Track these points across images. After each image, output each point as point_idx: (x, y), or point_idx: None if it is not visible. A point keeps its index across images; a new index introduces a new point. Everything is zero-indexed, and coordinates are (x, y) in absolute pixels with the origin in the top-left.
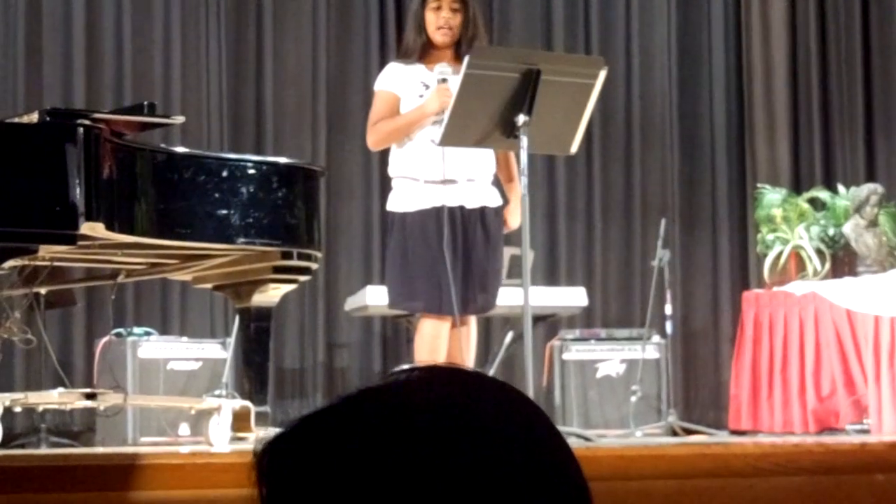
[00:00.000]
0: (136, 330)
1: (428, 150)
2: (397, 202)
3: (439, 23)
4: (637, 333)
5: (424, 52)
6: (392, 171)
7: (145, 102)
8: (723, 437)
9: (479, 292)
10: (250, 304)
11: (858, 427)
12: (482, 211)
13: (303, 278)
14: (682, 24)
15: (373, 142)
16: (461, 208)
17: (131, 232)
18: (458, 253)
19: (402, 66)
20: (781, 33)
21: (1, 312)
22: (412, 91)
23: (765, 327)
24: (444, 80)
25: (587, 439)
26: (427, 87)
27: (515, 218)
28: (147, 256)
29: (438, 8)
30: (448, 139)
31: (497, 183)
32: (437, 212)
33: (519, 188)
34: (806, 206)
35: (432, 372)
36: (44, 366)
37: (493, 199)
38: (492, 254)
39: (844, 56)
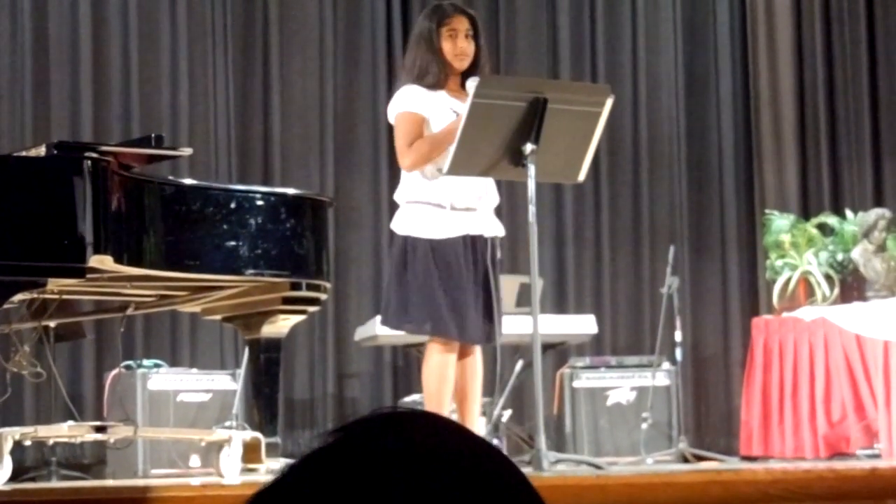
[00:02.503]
0: (146, 362)
1: (455, 177)
2: (421, 228)
3: (457, 51)
4: (647, 360)
5: (445, 80)
6: (408, 196)
7: (153, 134)
8: (734, 463)
9: (495, 321)
10: (260, 336)
11: (869, 452)
12: (495, 241)
13: (312, 309)
14: (689, 50)
15: (411, 162)
16: (480, 237)
17: (140, 264)
18: (480, 281)
19: (425, 90)
20: (788, 59)
21: (10, 346)
22: (443, 116)
23: (775, 353)
24: None
25: (598, 467)
26: (457, 113)
27: None
28: (156, 288)
29: (454, 36)
30: (455, 168)
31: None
32: (463, 240)
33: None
34: (814, 231)
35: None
36: (54, 399)
37: (500, 229)
38: (498, 284)
39: (851, 81)
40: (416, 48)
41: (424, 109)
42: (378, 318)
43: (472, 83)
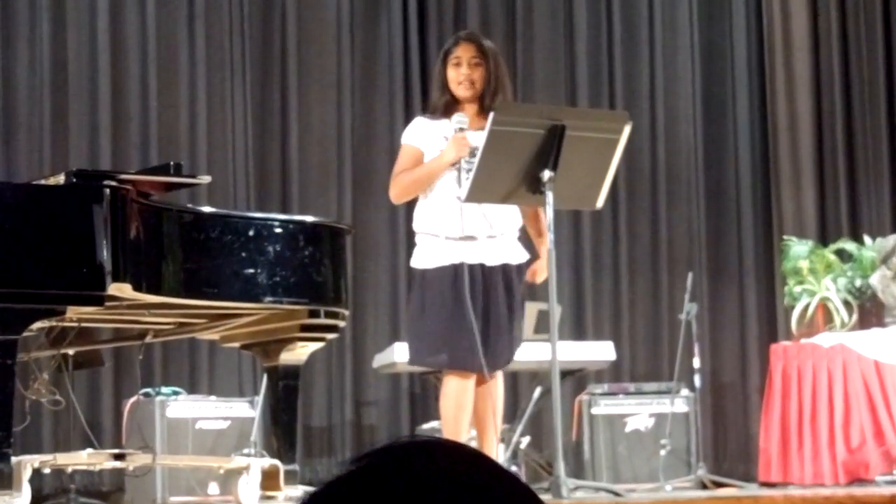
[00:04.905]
0: (165, 389)
1: (448, 206)
2: (418, 258)
3: (459, 78)
4: (665, 387)
5: (449, 108)
6: (415, 227)
7: (171, 162)
8: (753, 489)
9: (499, 349)
10: (278, 363)
11: (888, 478)
12: (503, 268)
13: (330, 336)
14: (707, 77)
15: (394, 194)
16: (481, 266)
17: (158, 292)
18: (477, 310)
19: (428, 120)
20: (806, 86)
21: (29, 374)
22: (436, 145)
23: (793, 379)
24: (460, 130)
25: (617, 494)
26: (447, 138)
27: (543, 273)
28: (174, 316)
29: (458, 64)
30: (474, 195)
31: (523, 239)
32: (455, 269)
33: (546, 243)
34: (832, 257)
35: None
36: (72, 427)
37: (515, 256)
38: (512, 311)
39: (869, 108)
40: (433, 83)
41: (422, 141)
42: (396, 345)
43: (456, 118)
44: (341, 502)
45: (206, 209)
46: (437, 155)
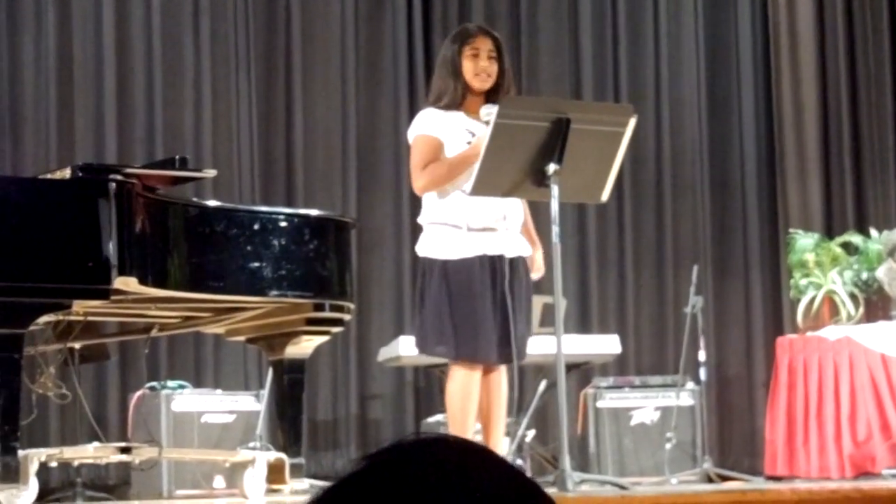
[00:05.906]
0: (170, 383)
1: (471, 197)
2: (437, 249)
3: (477, 69)
4: (671, 380)
5: (462, 99)
6: (428, 217)
7: (177, 157)
8: (759, 483)
9: (524, 339)
10: (283, 357)
11: (895, 472)
12: (520, 260)
13: (335, 330)
14: (712, 70)
15: (423, 185)
16: (501, 257)
17: (164, 286)
18: (498, 301)
19: (442, 112)
20: (811, 78)
21: (36, 368)
22: (457, 137)
23: (799, 373)
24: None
25: (622, 487)
26: (473, 133)
27: (539, 270)
28: (180, 310)
29: (476, 55)
30: (479, 189)
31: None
32: (479, 260)
33: (536, 238)
34: (839, 250)
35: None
36: (79, 420)
37: (525, 249)
38: (527, 303)
39: (875, 100)
40: (438, 72)
41: (440, 132)
42: (401, 338)
43: (486, 110)
44: (350, 501)
45: (212, 203)
46: (474, 145)
